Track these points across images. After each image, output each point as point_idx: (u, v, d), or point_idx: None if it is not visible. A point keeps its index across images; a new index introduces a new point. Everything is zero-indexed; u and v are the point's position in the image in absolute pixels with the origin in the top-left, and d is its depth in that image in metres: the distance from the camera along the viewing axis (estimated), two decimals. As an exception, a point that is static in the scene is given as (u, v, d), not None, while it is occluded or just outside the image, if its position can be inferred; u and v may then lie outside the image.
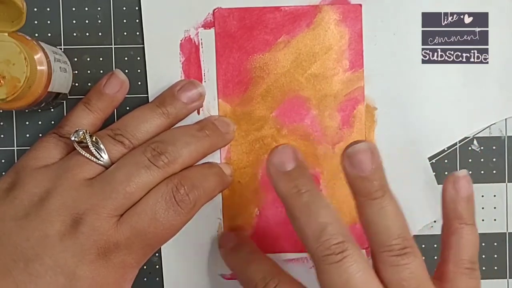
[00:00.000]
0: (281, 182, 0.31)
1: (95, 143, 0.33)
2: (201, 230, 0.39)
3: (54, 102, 0.36)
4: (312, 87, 0.39)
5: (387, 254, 0.30)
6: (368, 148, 0.30)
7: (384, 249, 0.30)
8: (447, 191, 0.33)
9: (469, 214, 0.33)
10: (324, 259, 0.29)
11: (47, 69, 0.32)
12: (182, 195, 0.33)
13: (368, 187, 0.30)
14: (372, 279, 0.29)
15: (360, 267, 0.29)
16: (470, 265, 0.32)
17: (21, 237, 0.30)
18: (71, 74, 0.38)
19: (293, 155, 0.32)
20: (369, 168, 0.30)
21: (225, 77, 0.39)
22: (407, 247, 0.30)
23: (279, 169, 0.31)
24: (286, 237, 0.39)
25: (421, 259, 0.30)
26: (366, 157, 0.30)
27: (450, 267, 0.32)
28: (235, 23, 0.39)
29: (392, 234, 0.30)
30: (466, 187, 0.33)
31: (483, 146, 0.40)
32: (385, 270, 0.30)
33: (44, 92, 0.33)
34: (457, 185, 0.33)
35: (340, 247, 0.29)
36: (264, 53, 0.39)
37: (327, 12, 0.39)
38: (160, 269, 0.39)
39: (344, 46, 0.39)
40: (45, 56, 0.32)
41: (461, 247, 0.32)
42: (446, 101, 0.39)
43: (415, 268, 0.30)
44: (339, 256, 0.29)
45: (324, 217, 0.30)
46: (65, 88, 0.37)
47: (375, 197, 0.30)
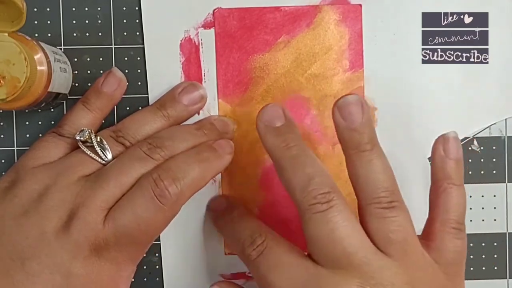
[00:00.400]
0: (270, 137, 0.32)
1: (100, 143, 0.33)
2: (201, 230, 0.39)
3: (54, 102, 0.36)
4: (312, 87, 0.39)
5: (375, 206, 0.30)
6: (359, 101, 0.31)
7: (372, 201, 0.30)
8: (437, 151, 0.33)
9: (458, 175, 0.33)
10: (310, 208, 0.29)
11: (47, 69, 0.32)
12: (162, 189, 0.31)
13: (357, 139, 0.31)
14: (357, 229, 0.29)
15: (346, 217, 0.29)
16: (457, 225, 0.32)
17: (20, 236, 0.30)
18: (71, 74, 0.38)
19: (282, 112, 0.32)
20: (359, 120, 0.31)
21: (225, 77, 0.39)
22: (395, 200, 0.30)
23: (269, 125, 0.32)
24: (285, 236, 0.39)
25: (408, 214, 0.30)
26: (357, 109, 0.31)
27: (437, 225, 0.32)
28: (235, 23, 0.39)
29: (380, 186, 0.30)
30: (455, 148, 0.33)
31: (483, 146, 0.40)
32: (372, 222, 0.30)
33: (44, 92, 0.33)
34: (446, 146, 0.33)
35: (326, 197, 0.29)
36: (264, 53, 0.39)
37: (327, 12, 0.39)
38: (160, 269, 0.39)
39: (344, 46, 0.39)
40: (45, 56, 0.32)
41: (448, 207, 0.32)
42: (446, 101, 0.39)
43: (402, 221, 0.30)
44: (325, 206, 0.29)
45: (311, 168, 0.30)
46: (65, 88, 0.37)
47: (364, 149, 0.31)
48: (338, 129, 0.32)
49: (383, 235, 0.30)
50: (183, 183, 0.32)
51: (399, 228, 0.30)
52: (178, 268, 0.39)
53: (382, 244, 0.30)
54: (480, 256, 0.40)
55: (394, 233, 0.29)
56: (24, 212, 0.31)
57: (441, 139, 0.34)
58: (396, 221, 0.30)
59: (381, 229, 0.30)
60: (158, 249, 0.39)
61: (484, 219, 0.40)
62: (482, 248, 0.40)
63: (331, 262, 0.29)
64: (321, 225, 0.29)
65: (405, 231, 0.30)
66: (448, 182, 0.33)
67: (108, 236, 0.31)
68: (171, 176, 0.32)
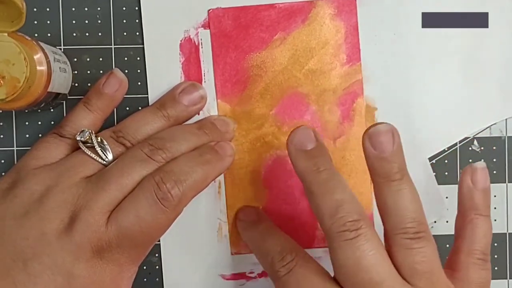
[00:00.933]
0: (300, 160, 0.32)
1: (100, 143, 0.33)
2: (201, 230, 0.39)
3: (54, 102, 0.36)
4: (310, 82, 0.39)
5: (401, 236, 0.30)
6: (390, 130, 0.31)
7: (399, 231, 0.30)
8: (465, 181, 0.33)
9: (485, 205, 0.33)
10: (339, 235, 0.29)
11: (46, 69, 0.32)
12: (164, 192, 0.31)
13: (387, 168, 0.30)
14: (384, 259, 0.29)
15: (374, 246, 0.29)
16: (483, 256, 0.32)
17: (21, 236, 0.30)
18: (71, 74, 0.38)
19: (313, 135, 0.32)
20: (389, 149, 0.30)
21: (223, 77, 0.39)
22: (422, 231, 0.30)
23: (300, 148, 0.32)
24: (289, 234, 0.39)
25: (434, 245, 0.30)
26: (388, 138, 0.31)
27: (462, 256, 0.32)
28: (230, 23, 0.39)
29: (408, 217, 0.30)
30: (484, 179, 0.33)
31: (484, 146, 0.40)
32: (399, 252, 0.30)
33: (44, 92, 0.33)
34: (474, 177, 0.33)
35: (355, 225, 0.29)
36: (261, 51, 0.39)
37: (322, 7, 0.39)
38: (160, 269, 0.39)
39: (341, 40, 0.39)
40: (44, 56, 0.33)
41: (475, 237, 0.32)
42: (446, 101, 0.39)
43: (428, 253, 0.30)
44: (354, 234, 0.29)
45: (341, 195, 0.30)
46: (65, 88, 0.37)
47: (393, 179, 0.30)
48: (368, 158, 0.31)
49: (409, 266, 0.29)
50: (185, 185, 0.32)
51: (425, 259, 0.30)
52: (178, 268, 0.39)
53: (408, 275, 0.30)
54: (480, 256, 0.40)
55: (420, 264, 0.29)
56: (24, 212, 0.31)
57: (469, 170, 0.34)
58: (422, 252, 0.30)
59: (407, 260, 0.30)
60: (158, 249, 0.39)
61: (485, 219, 0.40)
62: (483, 248, 0.40)
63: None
64: (349, 253, 0.29)
65: (430, 262, 0.30)
66: (476, 212, 0.33)
67: (111, 238, 0.31)
68: (173, 178, 0.32)
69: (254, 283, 0.40)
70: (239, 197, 0.39)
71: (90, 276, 0.31)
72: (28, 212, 0.31)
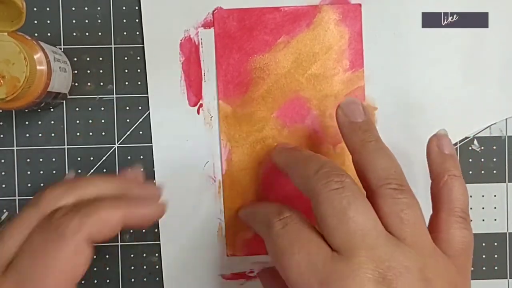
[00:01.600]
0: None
1: None
2: (201, 230, 0.39)
3: (54, 102, 0.36)
4: (312, 87, 0.39)
5: (386, 187, 0.30)
6: (360, 102, 0.33)
7: (383, 182, 0.30)
8: (432, 148, 0.34)
9: (456, 167, 0.33)
10: (326, 185, 0.29)
11: (46, 68, 0.32)
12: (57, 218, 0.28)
13: (362, 133, 0.32)
14: (369, 209, 0.29)
15: (359, 196, 0.29)
16: (463, 214, 0.32)
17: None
18: (71, 74, 0.38)
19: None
20: (362, 116, 0.33)
21: (225, 78, 0.39)
22: (404, 184, 0.30)
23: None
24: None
25: (417, 201, 0.30)
26: (358, 107, 0.33)
27: (443, 216, 0.32)
28: (234, 24, 0.38)
29: (390, 171, 0.31)
30: (449, 145, 0.34)
31: (484, 146, 0.40)
32: (384, 203, 0.30)
33: (44, 92, 0.33)
34: (440, 143, 0.34)
35: (340, 178, 0.30)
36: (264, 53, 0.39)
37: (327, 12, 0.39)
38: (160, 269, 0.39)
39: (344, 46, 0.39)
40: (44, 55, 0.32)
41: (453, 197, 0.32)
42: (446, 101, 0.39)
43: (412, 204, 0.30)
44: (339, 184, 0.29)
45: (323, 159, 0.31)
46: (65, 88, 0.37)
47: (369, 140, 0.32)
48: (342, 127, 0.33)
49: (395, 215, 0.29)
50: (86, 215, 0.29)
51: (410, 209, 0.30)
52: (178, 268, 0.39)
53: (394, 226, 0.29)
54: (480, 256, 0.40)
55: (406, 213, 0.29)
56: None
57: (434, 138, 0.34)
58: (406, 202, 0.30)
59: (393, 209, 0.29)
60: (158, 249, 0.39)
61: (485, 219, 0.40)
62: (483, 248, 0.40)
63: (344, 242, 0.28)
64: (336, 201, 0.29)
65: (415, 214, 0.30)
66: (449, 174, 0.33)
67: None
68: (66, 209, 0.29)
69: (254, 283, 0.40)
70: (237, 199, 0.39)
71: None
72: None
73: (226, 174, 0.39)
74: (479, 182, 0.40)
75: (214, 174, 0.39)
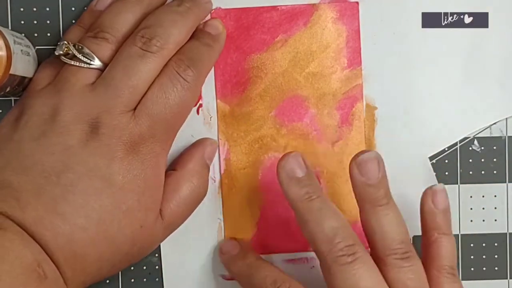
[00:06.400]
0: (292, 188, 0.33)
1: (80, 49, 0.33)
2: (201, 230, 0.39)
3: (21, 87, 0.36)
4: (310, 85, 0.39)
5: (392, 257, 0.32)
6: (376, 157, 0.33)
7: (390, 252, 0.32)
8: (426, 203, 0.35)
9: (447, 225, 0.35)
10: (337, 260, 0.31)
11: (6, 51, 0.32)
12: (184, 69, 0.33)
13: (374, 194, 0.33)
14: (380, 280, 0.31)
15: (370, 268, 0.31)
16: (451, 271, 0.34)
17: (45, 154, 0.31)
18: (36, 59, 0.37)
19: (303, 162, 0.34)
20: (376, 176, 0.33)
21: (223, 77, 0.39)
22: (409, 251, 0.32)
23: (292, 176, 0.33)
24: (287, 237, 0.39)
25: (420, 261, 0.33)
26: (374, 166, 0.33)
27: (434, 273, 0.34)
28: (232, 23, 0.39)
29: (396, 239, 0.32)
30: (443, 200, 0.35)
31: (484, 146, 0.40)
32: (390, 272, 0.32)
33: (6, 76, 0.32)
34: (435, 198, 0.35)
35: (352, 249, 0.31)
36: (262, 52, 0.39)
37: (324, 11, 0.39)
38: (160, 269, 0.39)
39: (342, 44, 0.39)
40: (2, 38, 0.32)
41: (441, 255, 0.34)
42: (446, 101, 0.39)
43: (417, 270, 0.32)
44: (351, 258, 0.31)
45: (336, 222, 0.32)
46: (30, 72, 0.36)
47: (380, 204, 0.33)
48: (355, 185, 0.33)
49: (402, 283, 0.32)
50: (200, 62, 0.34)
51: (415, 276, 0.32)
52: (178, 268, 0.39)
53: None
54: (480, 256, 0.40)
55: (412, 280, 0.32)
56: (41, 133, 0.31)
57: (429, 192, 0.35)
58: (411, 269, 0.32)
59: (399, 278, 0.32)
60: (158, 249, 0.39)
61: (485, 219, 0.40)
62: (483, 249, 0.40)
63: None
64: (348, 276, 0.31)
65: (420, 278, 0.32)
66: (438, 232, 0.35)
67: (143, 131, 0.32)
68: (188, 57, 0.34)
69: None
70: (235, 199, 0.39)
71: (130, 171, 0.31)
72: (44, 132, 0.31)
73: (225, 174, 0.39)
74: (479, 183, 0.40)
75: (214, 174, 0.39)
